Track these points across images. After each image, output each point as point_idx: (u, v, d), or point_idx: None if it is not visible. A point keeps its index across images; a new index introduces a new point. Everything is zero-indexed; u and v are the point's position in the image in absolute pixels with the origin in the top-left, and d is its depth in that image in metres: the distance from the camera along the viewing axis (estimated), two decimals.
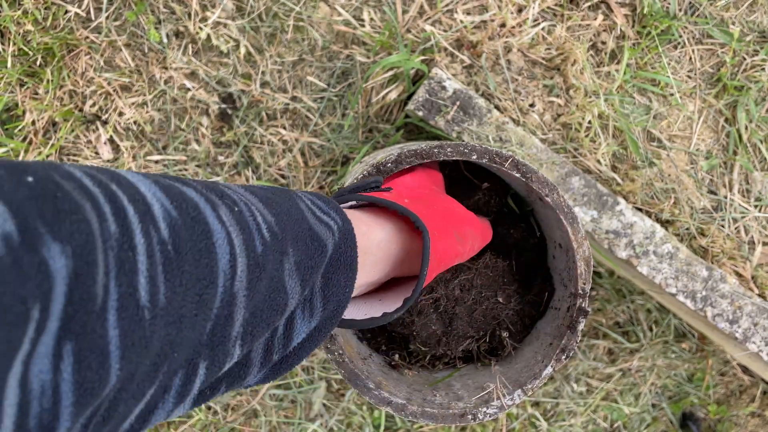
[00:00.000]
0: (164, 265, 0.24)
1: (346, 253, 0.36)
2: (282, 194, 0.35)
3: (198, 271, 0.26)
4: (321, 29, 0.72)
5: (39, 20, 0.70)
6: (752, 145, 0.73)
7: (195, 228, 0.27)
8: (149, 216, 0.25)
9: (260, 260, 0.29)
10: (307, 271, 0.33)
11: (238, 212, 0.30)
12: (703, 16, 0.72)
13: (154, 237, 0.24)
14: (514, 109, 0.70)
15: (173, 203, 0.26)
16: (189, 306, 0.25)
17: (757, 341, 0.69)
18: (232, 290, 0.28)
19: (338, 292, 0.36)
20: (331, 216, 0.37)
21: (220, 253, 0.27)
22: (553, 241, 0.58)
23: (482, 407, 0.50)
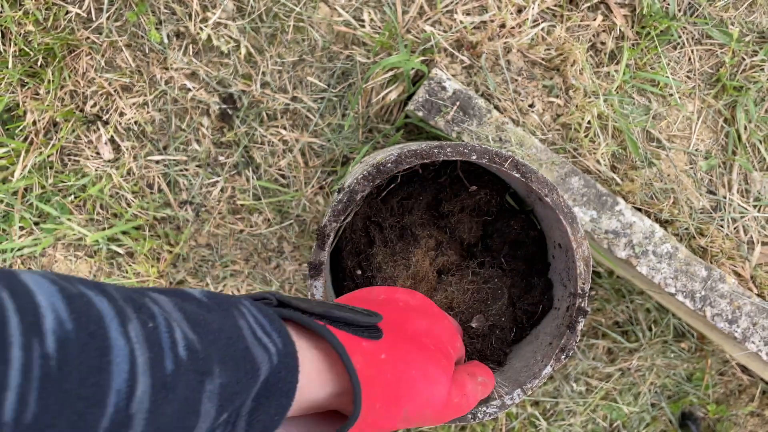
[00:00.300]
0: (42, 381, 0.24)
1: (283, 378, 0.34)
2: (222, 311, 0.34)
3: (82, 390, 0.25)
4: (321, 30, 0.73)
5: (40, 21, 0.71)
6: (751, 145, 0.73)
7: (90, 344, 0.26)
8: (36, 328, 0.24)
9: (169, 380, 0.28)
10: (231, 395, 0.31)
11: (152, 328, 0.28)
12: (703, 16, 0.72)
13: (36, 351, 0.24)
14: (514, 110, 0.70)
15: (72, 314, 0.26)
16: (62, 425, 0.24)
17: (756, 341, 0.69)
18: (127, 411, 0.26)
19: (265, 420, 0.34)
20: (272, 338, 0.34)
21: (116, 371, 0.26)
22: (553, 241, 0.58)
23: (482, 407, 0.50)
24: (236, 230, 0.77)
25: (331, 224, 0.50)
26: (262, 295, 0.39)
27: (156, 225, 0.77)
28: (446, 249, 0.62)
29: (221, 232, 0.77)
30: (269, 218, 0.77)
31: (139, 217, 0.76)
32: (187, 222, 0.76)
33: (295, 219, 0.77)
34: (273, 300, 0.39)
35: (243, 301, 0.36)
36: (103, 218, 0.76)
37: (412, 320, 0.43)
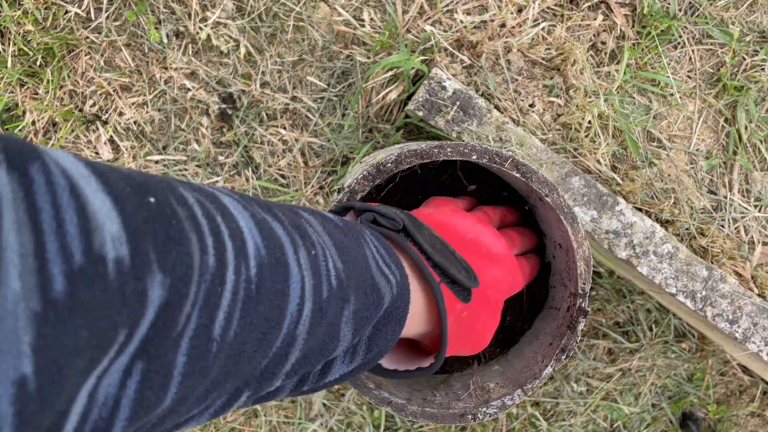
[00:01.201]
0: (243, 303, 0.25)
1: (399, 308, 0.36)
2: (352, 237, 0.35)
3: (269, 312, 0.27)
4: (321, 29, 0.72)
5: (39, 20, 0.70)
6: (752, 145, 0.73)
7: (277, 269, 0.27)
8: (243, 253, 0.25)
9: (324, 306, 0.30)
10: (361, 321, 0.33)
11: (314, 256, 0.30)
12: (703, 16, 0.72)
13: (243, 274, 0.25)
14: (514, 110, 0.70)
15: (264, 241, 0.27)
16: (251, 343, 0.26)
17: (756, 341, 0.69)
18: (294, 332, 0.28)
19: (382, 344, 0.36)
20: (392, 269, 0.36)
21: (292, 296, 0.28)
22: (553, 241, 0.58)
23: (482, 407, 0.50)
24: None
25: None
26: (391, 214, 0.42)
27: None
28: None
29: None
30: None
31: None
32: None
33: None
34: (400, 224, 0.41)
35: (365, 229, 0.38)
36: None
37: (489, 270, 0.46)
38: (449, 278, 0.41)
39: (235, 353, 0.25)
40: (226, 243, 0.25)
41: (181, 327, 0.22)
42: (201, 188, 0.26)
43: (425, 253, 0.41)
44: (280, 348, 0.28)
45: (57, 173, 0.18)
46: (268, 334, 0.27)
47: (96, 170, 0.20)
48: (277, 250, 0.28)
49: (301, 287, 0.28)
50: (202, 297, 0.23)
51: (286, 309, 0.28)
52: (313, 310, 0.29)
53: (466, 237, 0.47)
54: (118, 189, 0.20)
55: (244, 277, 0.25)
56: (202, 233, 0.23)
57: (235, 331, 0.25)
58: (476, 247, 0.47)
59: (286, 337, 0.28)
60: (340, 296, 0.31)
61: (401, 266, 0.37)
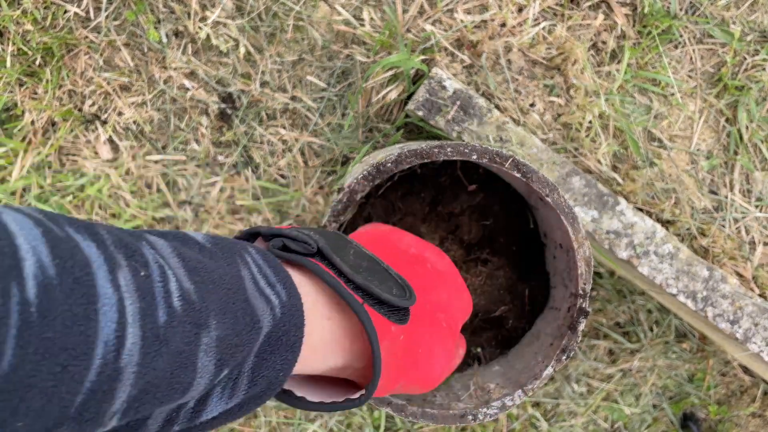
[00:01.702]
0: (20, 330, 0.22)
1: (288, 332, 0.32)
2: (221, 258, 0.32)
3: (65, 340, 0.23)
4: (321, 29, 0.72)
5: (38, 20, 0.70)
6: (753, 145, 0.73)
7: (75, 291, 0.24)
8: (15, 272, 0.22)
9: (161, 333, 0.26)
10: (230, 349, 0.29)
11: (144, 277, 0.27)
12: (704, 15, 0.72)
13: (14, 297, 0.22)
14: (515, 109, 0.70)
15: (56, 260, 0.24)
16: (43, 376, 0.23)
17: (757, 341, 0.68)
18: (116, 363, 0.25)
19: (271, 375, 0.32)
20: (276, 290, 0.32)
21: (103, 321, 0.24)
22: (554, 242, 0.58)
23: (482, 408, 0.50)
24: (235, 230, 0.76)
25: (331, 224, 0.50)
26: (303, 238, 0.37)
27: (155, 225, 0.76)
28: (450, 245, 0.62)
29: (220, 232, 0.76)
30: (269, 218, 0.76)
31: (137, 217, 0.76)
32: (186, 222, 0.76)
33: (295, 219, 0.76)
34: (313, 247, 0.37)
35: (249, 248, 0.34)
36: (102, 218, 0.76)
37: (435, 289, 0.42)
38: (375, 299, 0.36)
39: (18, 388, 0.22)
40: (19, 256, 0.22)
41: None
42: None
43: (344, 275, 0.36)
44: (97, 383, 0.24)
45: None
46: (71, 366, 0.23)
47: None
48: (77, 270, 0.24)
49: (118, 311, 0.25)
50: None
51: (94, 336, 0.24)
52: (144, 337, 0.26)
53: (408, 251, 0.44)
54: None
55: (17, 299, 0.22)
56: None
57: (10, 363, 0.22)
58: (420, 263, 0.43)
59: (104, 368, 0.24)
60: (189, 321, 0.28)
61: (290, 286, 0.33)
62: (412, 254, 0.44)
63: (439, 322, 0.41)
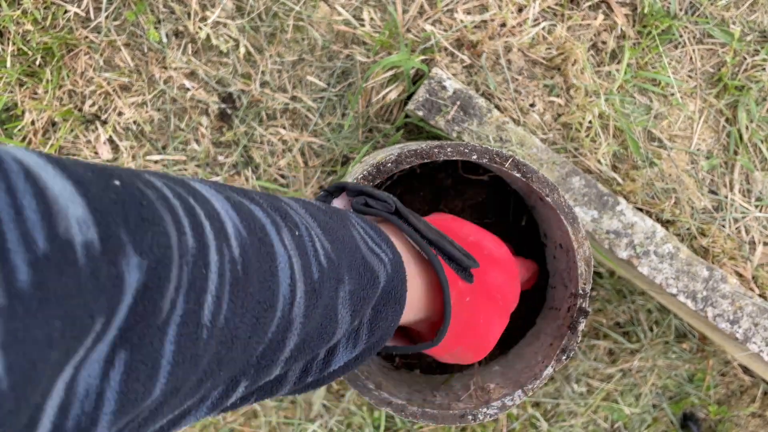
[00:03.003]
0: (232, 286, 0.24)
1: (396, 287, 0.35)
2: (338, 219, 0.34)
3: (260, 294, 0.25)
4: (321, 29, 0.72)
5: (38, 20, 0.70)
6: (753, 145, 0.73)
7: (262, 250, 0.26)
8: (223, 234, 0.24)
9: (317, 287, 0.29)
10: (359, 301, 0.32)
11: (299, 236, 0.29)
12: (704, 15, 0.72)
13: (226, 255, 0.24)
14: (515, 109, 0.70)
15: (243, 222, 0.25)
16: (244, 328, 0.25)
17: (757, 341, 0.68)
18: (290, 316, 0.27)
19: (384, 326, 0.35)
20: (383, 248, 0.35)
21: (282, 277, 0.27)
22: (554, 241, 0.58)
23: (482, 407, 0.50)
24: None
25: None
26: (383, 197, 0.40)
27: None
28: None
29: None
30: None
31: None
32: None
33: None
34: (392, 206, 0.40)
35: (350, 213, 0.37)
36: None
37: (492, 272, 0.45)
38: (446, 254, 0.40)
39: (228, 339, 0.24)
40: (204, 223, 0.23)
41: (166, 314, 0.21)
42: (168, 175, 0.25)
43: (419, 232, 0.39)
44: (276, 333, 0.27)
45: (8, 160, 0.16)
46: (262, 318, 0.25)
47: (51, 159, 0.18)
48: (258, 231, 0.26)
49: (290, 267, 0.27)
50: (187, 280, 0.22)
51: (277, 291, 0.26)
52: (307, 291, 0.28)
53: (468, 239, 0.46)
54: (78, 173, 0.18)
55: (228, 258, 0.24)
56: (177, 213, 0.22)
57: (225, 316, 0.23)
58: (478, 249, 0.45)
59: (282, 321, 0.27)
60: (332, 276, 0.30)
61: (392, 245, 0.36)
62: (471, 241, 0.46)
63: (496, 300, 0.44)
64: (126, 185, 0.20)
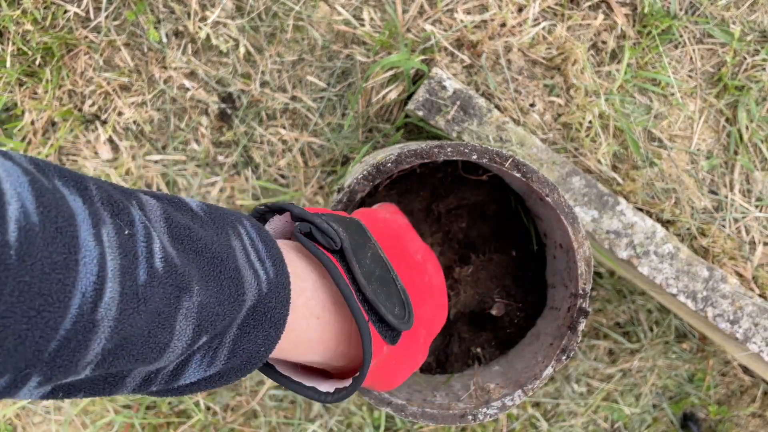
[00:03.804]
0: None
1: (272, 308, 0.32)
2: (216, 227, 0.32)
3: (42, 286, 0.24)
4: (321, 29, 0.72)
5: (38, 20, 0.70)
6: (753, 144, 0.73)
7: (57, 240, 0.24)
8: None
9: (141, 291, 0.27)
10: (211, 317, 0.30)
11: (128, 235, 0.27)
12: (704, 15, 0.72)
13: None
14: (515, 109, 0.70)
15: (40, 208, 0.24)
16: (17, 318, 0.23)
17: (757, 341, 0.68)
18: (92, 316, 0.25)
19: (251, 349, 0.32)
20: (265, 265, 0.33)
21: (83, 273, 0.25)
22: (554, 241, 0.58)
23: (482, 407, 0.50)
24: None
25: None
26: (331, 232, 0.37)
27: None
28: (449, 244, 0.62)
29: None
30: None
31: None
32: None
33: None
34: (337, 244, 0.37)
35: (244, 220, 0.34)
36: None
37: (425, 304, 0.44)
38: (379, 317, 0.37)
39: None
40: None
41: None
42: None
43: (357, 283, 0.36)
44: (72, 332, 0.25)
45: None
46: (46, 312, 0.24)
47: None
48: (60, 220, 0.25)
49: (99, 264, 0.25)
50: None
51: (72, 286, 0.24)
52: (123, 293, 0.26)
53: (414, 257, 0.44)
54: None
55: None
56: None
57: None
58: (420, 273, 0.44)
59: (80, 319, 0.25)
60: (171, 283, 0.28)
61: (280, 263, 0.34)
62: (416, 261, 0.45)
63: (418, 338, 0.42)
64: None
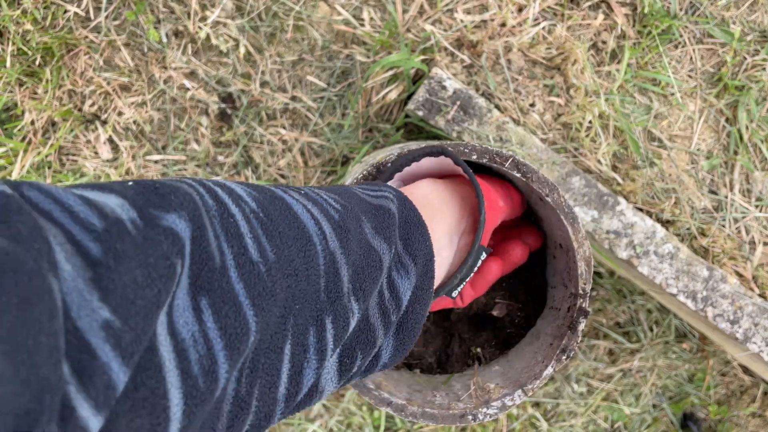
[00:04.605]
0: (262, 228, 0.28)
1: (410, 214, 0.39)
2: (334, 186, 0.39)
3: (293, 232, 0.29)
4: (321, 29, 0.72)
5: (38, 20, 0.70)
6: (753, 144, 0.73)
7: (275, 202, 0.30)
8: (235, 194, 0.28)
9: (342, 224, 0.33)
10: (385, 231, 0.36)
11: (305, 194, 0.33)
12: (704, 15, 0.72)
13: (245, 207, 0.28)
14: (515, 109, 0.70)
15: (250, 188, 0.30)
16: (298, 261, 0.29)
17: (757, 341, 0.68)
18: (328, 248, 0.31)
19: (421, 247, 0.38)
20: (383, 191, 0.40)
21: (304, 218, 0.31)
22: (554, 241, 0.58)
23: (482, 407, 0.50)
24: None
25: None
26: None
27: None
28: None
29: None
30: None
31: None
32: None
33: None
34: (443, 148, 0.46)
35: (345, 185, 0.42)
36: None
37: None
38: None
39: (289, 271, 0.28)
40: (215, 188, 0.28)
41: (219, 259, 0.25)
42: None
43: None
44: (326, 265, 0.31)
45: (46, 192, 0.21)
46: (307, 250, 0.30)
47: (77, 186, 0.23)
48: (267, 192, 0.31)
49: (308, 211, 0.31)
50: (221, 230, 0.26)
51: (306, 229, 0.30)
52: (333, 228, 0.32)
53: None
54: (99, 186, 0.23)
55: (248, 209, 0.28)
56: (190, 183, 0.26)
57: (272, 251, 0.27)
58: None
59: (325, 253, 0.31)
60: (351, 216, 0.34)
61: (389, 186, 0.41)
62: None
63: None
64: (137, 183, 0.24)
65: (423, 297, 0.38)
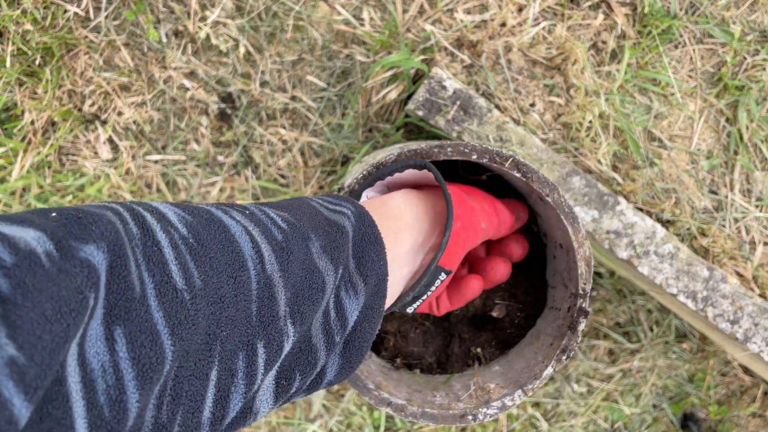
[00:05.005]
0: (191, 254, 0.27)
1: (367, 231, 0.39)
2: (293, 200, 0.38)
3: (225, 257, 0.29)
4: (321, 29, 0.72)
5: (38, 20, 0.70)
6: (753, 144, 0.73)
7: (210, 226, 0.29)
8: (165, 220, 0.28)
9: (284, 245, 0.32)
10: (335, 251, 0.35)
11: (250, 213, 0.33)
12: (704, 15, 0.72)
13: (174, 234, 0.27)
14: (515, 109, 0.70)
15: (185, 211, 0.29)
16: (227, 287, 0.28)
17: (758, 341, 0.68)
18: (265, 272, 0.30)
19: (374, 266, 0.38)
20: (343, 206, 0.39)
21: (242, 242, 0.30)
22: (554, 241, 0.58)
23: (482, 407, 0.50)
24: None
25: None
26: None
27: None
28: None
29: None
30: None
31: None
32: None
33: None
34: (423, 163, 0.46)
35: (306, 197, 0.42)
36: None
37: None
38: None
39: (215, 299, 0.27)
40: (143, 215, 0.27)
41: (140, 288, 0.25)
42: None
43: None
44: (260, 289, 0.30)
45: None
46: (238, 276, 0.29)
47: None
48: (203, 213, 0.30)
49: (248, 234, 0.31)
50: (142, 258, 0.25)
51: (240, 253, 0.30)
52: (274, 249, 0.31)
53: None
54: (18, 217, 0.23)
55: (178, 235, 0.27)
56: (116, 210, 0.26)
57: (200, 278, 0.27)
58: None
59: (260, 277, 0.30)
60: (297, 236, 0.33)
61: (351, 200, 0.41)
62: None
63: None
64: (62, 212, 0.24)
65: (372, 316, 0.38)
